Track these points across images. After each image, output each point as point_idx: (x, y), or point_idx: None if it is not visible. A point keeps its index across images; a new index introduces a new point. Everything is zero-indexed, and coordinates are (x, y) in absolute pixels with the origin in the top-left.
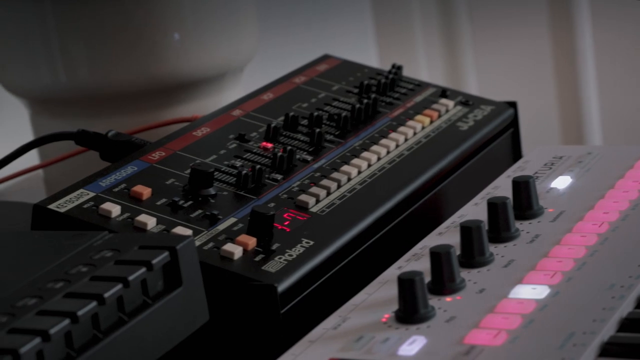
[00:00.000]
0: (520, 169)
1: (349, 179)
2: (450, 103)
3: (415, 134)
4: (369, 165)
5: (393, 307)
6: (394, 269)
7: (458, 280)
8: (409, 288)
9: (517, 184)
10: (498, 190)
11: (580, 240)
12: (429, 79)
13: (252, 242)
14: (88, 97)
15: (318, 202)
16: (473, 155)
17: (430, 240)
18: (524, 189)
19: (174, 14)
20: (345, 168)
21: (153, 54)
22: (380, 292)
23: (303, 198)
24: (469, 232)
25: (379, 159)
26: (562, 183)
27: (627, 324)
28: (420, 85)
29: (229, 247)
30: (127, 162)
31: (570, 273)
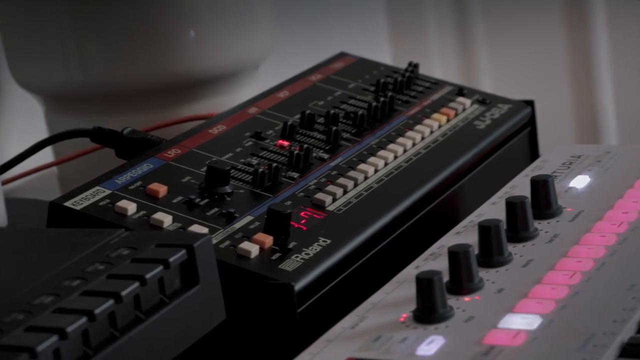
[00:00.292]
0: (538, 168)
1: (366, 178)
2: (467, 101)
3: (432, 133)
4: (386, 164)
5: (411, 306)
6: (412, 269)
7: (476, 280)
8: (428, 288)
9: (535, 183)
10: (516, 190)
11: (600, 240)
12: (443, 78)
13: (268, 240)
14: (103, 94)
15: (335, 200)
16: (490, 154)
17: (448, 240)
18: (543, 188)
19: (190, 11)
20: (362, 166)
21: (168, 51)
22: (398, 291)
23: (320, 196)
24: (488, 231)
25: (396, 158)
26: (580, 182)
27: None
28: (437, 84)
29: (246, 245)
30: (142, 159)
31: (590, 273)
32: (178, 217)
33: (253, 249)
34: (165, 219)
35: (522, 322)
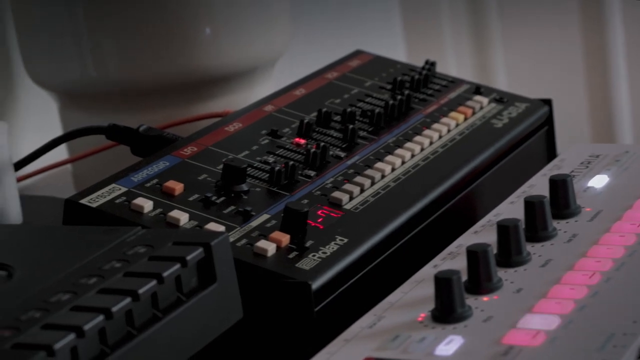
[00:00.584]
0: (557, 168)
1: (383, 176)
2: (485, 100)
3: (449, 131)
4: (403, 163)
5: (429, 306)
6: (430, 268)
7: (495, 280)
8: (446, 287)
9: (554, 183)
10: (534, 189)
11: (619, 240)
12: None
13: (285, 239)
14: (117, 91)
15: (352, 199)
16: (507, 153)
17: (466, 239)
18: (562, 188)
19: (206, 8)
20: (379, 165)
21: (184, 49)
22: (416, 290)
23: (337, 195)
24: (506, 230)
25: (413, 156)
26: (599, 182)
27: None
28: (454, 82)
29: (263, 243)
30: (158, 157)
31: (609, 273)
32: (194, 215)
33: (270, 248)
34: (182, 217)
35: (541, 322)
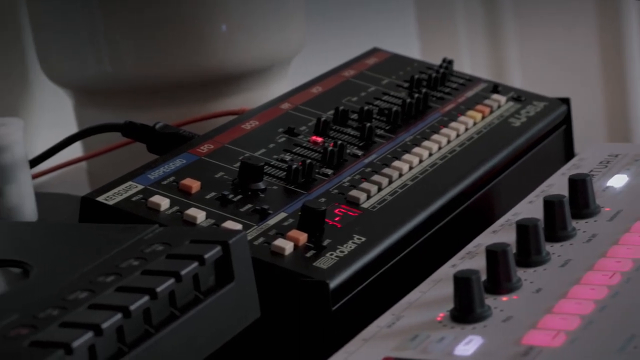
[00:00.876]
0: (575, 167)
1: (400, 175)
2: (502, 99)
3: (467, 130)
4: (421, 161)
5: (448, 305)
6: (448, 267)
7: (514, 280)
8: (465, 287)
9: (573, 182)
10: (553, 188)
11: (639, 240)
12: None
13: (303, 237)
14: (133, 88)
15: (369, 197)
16: (525, 153)
17: (485, 239)
18: (581, 187)
19: (222, 5)
20: (397, 163)
21: (200, 46)
22: (435, 290)
23: (354, 194)
24: (526, 230)
25: (431, 155)
26: (618, 182)
27: None
28: (471, 80)
29: (280, 242)
30: (175, 154)
31: (630, 273)
32: (211, 213)
33: (287, 246)
34: (199, 215)
35: (561, 322)
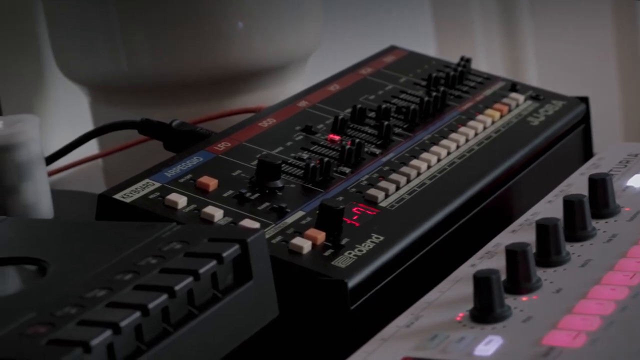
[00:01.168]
0: (595, 166)
1: (419, 174)
2: (521, 97)
3: (485, 129)
4: (439, 160)
5: (467, 305)
6: (467, 267)
7: (534, 280)
8: (485, 286)
9: (593, 182)
10: (572, 188)
11: None
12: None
13: (321, 236)
14: (149, 86)
15: (387, 196)
16: (544, 152)
17: (504, 238)
18: (601, 187)
19: (239, 3)
20: (415, 162)
21: (216, 43)
22: (454, 290)
23: (372, 192)
24: (546, 230)
25: (449, 154)
26: (638, 181)
27: None
28: (490, 79)
29: (298, 241)
30: (192, 152)
31: None
32: (229, 211)
33: (305, 245)
34: (216, 213)
35: (581, 323)
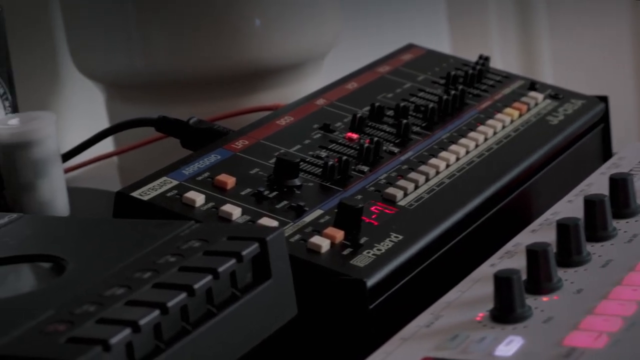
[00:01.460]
0: (615, 166)
1: (437, 173)
2: (540, 96)
3: (504, 128)
4: (457, 159)
5: (487, 305)
6: (487, 267)
7: (555, 280)
8: (506, 286)
9: (614, 182)
10: (592, 188)
11: None
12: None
13: (339, 235)
14: (165, 83)
15: (406, 195)
16: (563, 151)
17: (524, 238)
18: (622, 187)
19: (256, 0)
20: (433, 161)
21: (233, 41)
22: (474, 290)
23: (391, 191)
24: (567, 229)
25: (468, 153)
26: None
27: None
28: (508, 77)
29: (317, 239)
30: (210, 150)
31: None
32: (247, 209)
33: (324, 244)
34: (235, 211)
35: (603, 323)
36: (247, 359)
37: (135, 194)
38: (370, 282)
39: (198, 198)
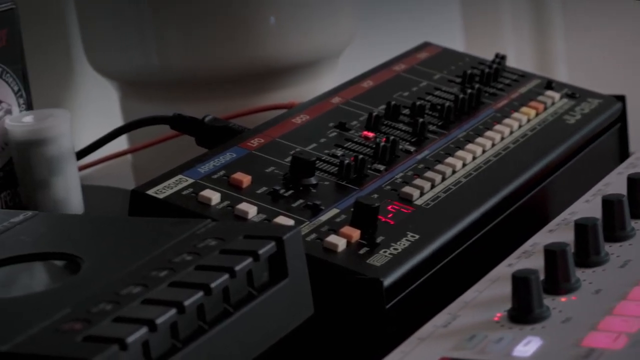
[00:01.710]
0: (632, 166)
1: (454, 172)
2: (556, 95)
3: (521, 127)
4: (474, 158)
5: (505, 305)
6: (504, 267)
7: (573, 280)
8: (524, 287)
9: (633, 182)
10: (609, 188)
11: None
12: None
13: (356, 234)
14: (180, 81)
15: (422, 194)
16: (580, 150)
17: (541, 238)
18: None
19: None
20: (450, 160)
21: (248, 39)
22: (491, 290)
23: (407, 190)
24: (585, 230)
25: (484, 152)
26: None
27: None
28: (525, 76)
29: (333, 238)
30: (225, 148)
31: None
32: (263, 208)
33: (340, 243)
34: (250, 210)
35: (622, 324)
36: (263, 358)
37: (151, 192)
38: (387, 281)
39: (214, 196)
